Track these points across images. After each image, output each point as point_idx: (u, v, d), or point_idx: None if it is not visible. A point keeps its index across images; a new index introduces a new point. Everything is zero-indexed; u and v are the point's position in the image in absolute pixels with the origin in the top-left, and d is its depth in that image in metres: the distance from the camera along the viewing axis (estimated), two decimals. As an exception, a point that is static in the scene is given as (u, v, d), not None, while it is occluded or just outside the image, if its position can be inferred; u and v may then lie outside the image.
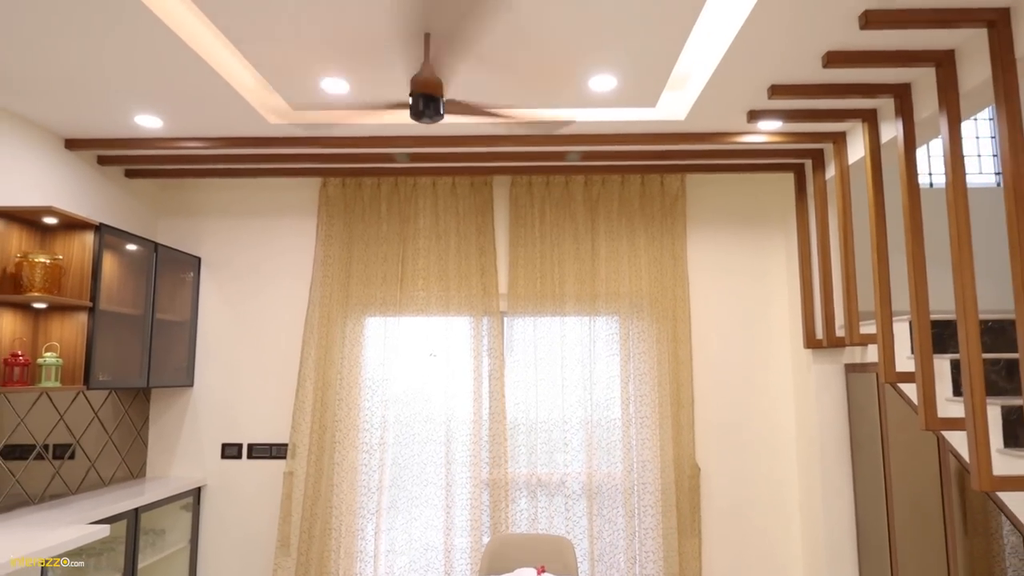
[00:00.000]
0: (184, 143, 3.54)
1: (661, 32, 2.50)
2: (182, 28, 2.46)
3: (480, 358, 4.12)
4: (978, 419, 2.36)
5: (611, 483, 4.06)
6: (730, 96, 3.00)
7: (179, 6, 2.40)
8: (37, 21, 2.37)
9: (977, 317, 2.40)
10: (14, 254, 3.15)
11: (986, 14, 2.29)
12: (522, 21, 2.39)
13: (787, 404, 4.11)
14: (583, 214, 4.15)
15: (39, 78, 2.82)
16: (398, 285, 4.18)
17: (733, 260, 4.21)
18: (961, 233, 2.42)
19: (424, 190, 4.20)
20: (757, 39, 2.48)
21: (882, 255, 3.01)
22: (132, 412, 4.08)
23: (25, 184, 3.24)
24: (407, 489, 4.12)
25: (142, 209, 4.20)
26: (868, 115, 3.11)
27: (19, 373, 3.05)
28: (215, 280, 4.32)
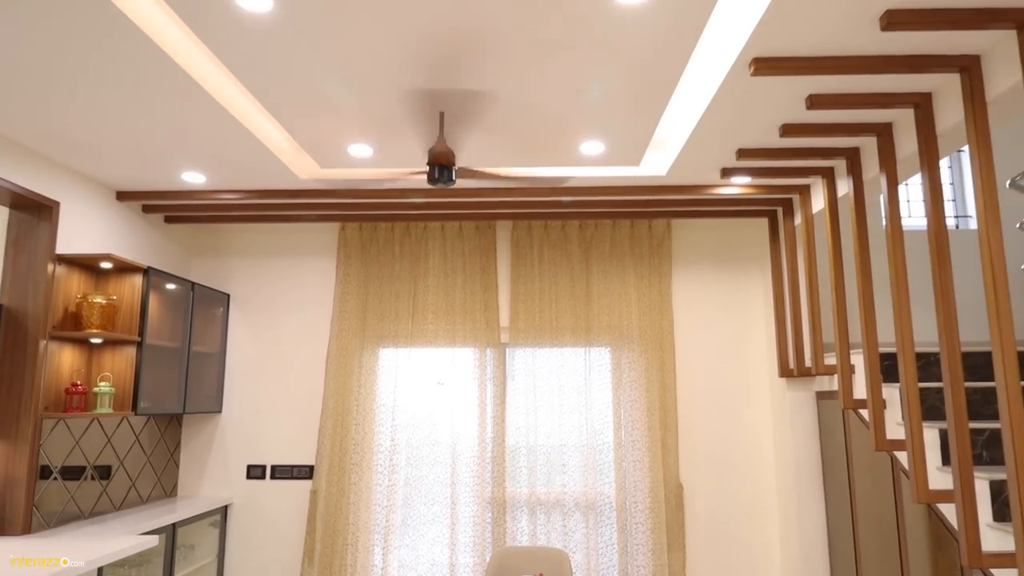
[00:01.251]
0: (222, 195, 3.99)
1: (639, 110, 2.94)
2: (229, 101, 2.90)
3: (484, 386, 4.51)
4: (915, 439, 2.75)
5: (605, 502, 4.42)
6: (704, 157, 3.44)
7: (228, 83, 2.84)
8: (100, 94, 2.81)
9: (913, 349, 2.80)
10: (75, 295, 3.57)
11: (912, 98, 2.73)
12: (523, 101, 2.84)
13: (765, 428, 4.49)
14: (578, 255, 4.57)
15: (100, 141, 3.26)
16: (409, 319, 4.58)
17: (715, 296, 4.63)
18: (899, 274, 2.83)
19: (433, 233, 4.63)
20: (722, 113, 2.92)
21: (840, 295, 3.42)
22: (167, 436, 4.47)
23: (81, 231, 3.67)
24: (416, 508, 4.48)
25: (178, 250, 4.63)
26: (826, 172, 3.55)
27: (78, 400, 3.45)
28: (243, 315, 4.73)
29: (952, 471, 2.53)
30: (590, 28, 2.30)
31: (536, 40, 2.38)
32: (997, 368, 2.23)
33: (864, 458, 3.65)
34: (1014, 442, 2.18)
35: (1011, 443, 2.18)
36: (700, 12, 2.20)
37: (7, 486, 3.24)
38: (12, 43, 2.33)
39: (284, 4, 2.13)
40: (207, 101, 2.80)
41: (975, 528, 2.45)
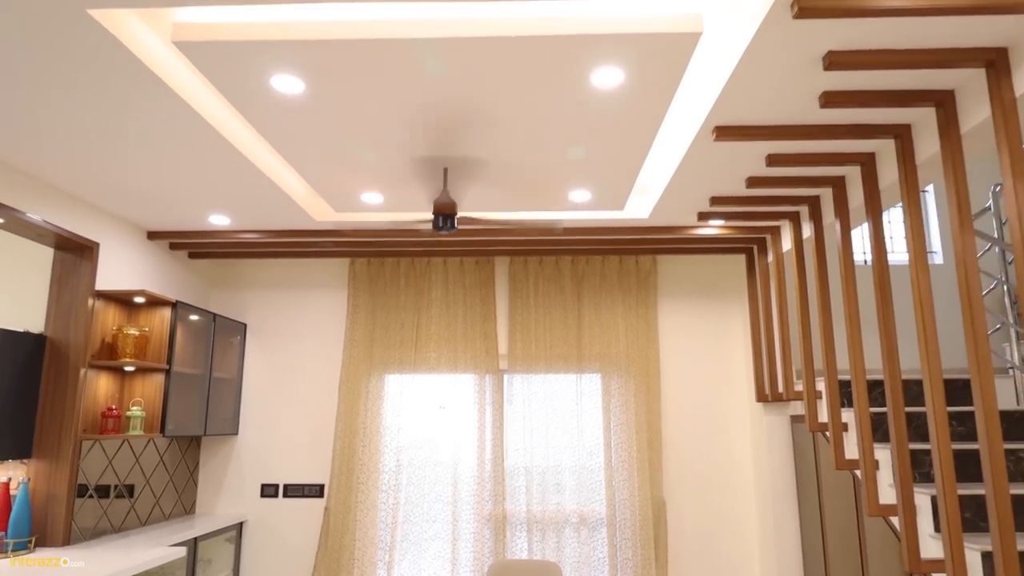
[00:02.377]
0: (243, 234, 4.36)
1: (619, 167, 3.32)
2: (255, 155, 3.27)
3: (483, 410, 4.84)
4: (867, 459, 3.08)
5: (596, 518, 4.73)
6: (682, 203, 3.82)
7: (255, 140, 3.22)
8: (142, 149, 3.19)
9: (864, 378, 3.15)
10: (111, 327, 3.93)
11: (859, 157, 3.11)
12: (517, 159, 3.22)
13: (744, 449, 4.81)
14: (570, 288, 4.93)
15: (139, 189, 3.64)
16: (413, 347, 4.93)
17: (698, 326, 4.98)
18: (851, 309, 3.19)
19: (436, 267, 5.00)
20: (694, 169, 3.30)
21: (805, 327, 3.77)
22: (187, 456, 4.79)
23: (116, 268, 4.04)
24: (419, 525, 4.79)
25: (199, 283, 4.99)
26: (793, 216, 3.92)
27: (112, 423, 3.79)
28: (258, 343, 5.08)
29: (895, 487, 2.87)
30: (573, 103, 2.69)
31: (527, 112, 2.76)
32: (926, 395, 2.58)
33: (831, 476, 3.97)
34: (941, 461, 2.52)
35: (939, 462, 2.53)
36: (666, 91, 2.58)
37: (49, 502, 3.57)
38: (67, 106, 2.71)
39: (313, 87, 2.52)
40: (236, 156, 3.18)
41: (915, 538, 2.78)
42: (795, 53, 2.25)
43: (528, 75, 2.45)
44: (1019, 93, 2.21)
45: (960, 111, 2.50)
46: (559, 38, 2.21)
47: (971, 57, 2.25)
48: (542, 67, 2.39)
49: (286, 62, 2.34)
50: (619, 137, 3.01)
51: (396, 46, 2.25)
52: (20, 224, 3.41)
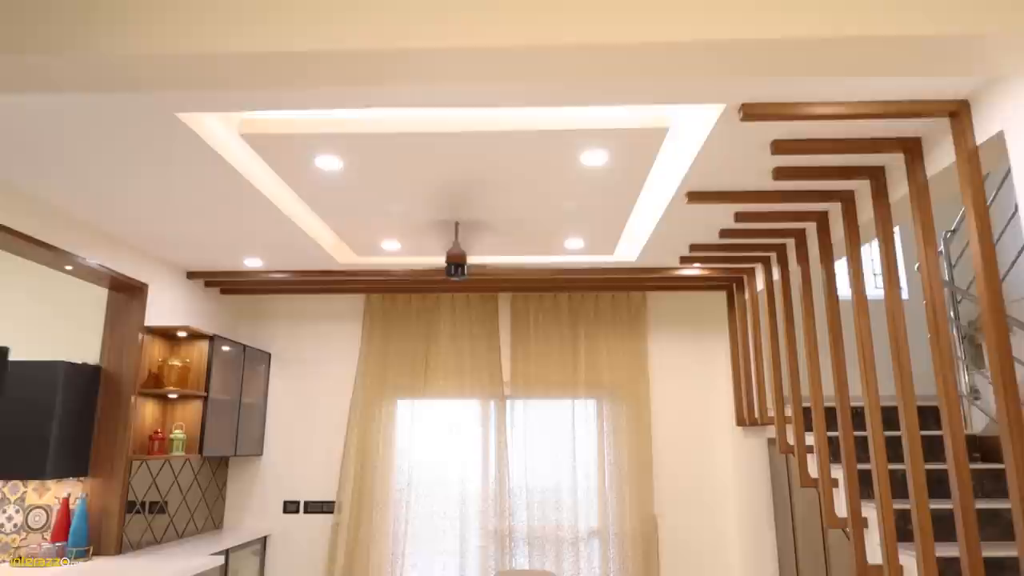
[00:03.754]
0: (272, 274, 4.85)
1: (607, 222, 3.82)
2: (289, 208, 3.75)
3: (488, 433, 5.29)
4: (824, 478, 3.53)
5: (591, 534, 5.16)
6: (665, 249, 4.30)
7: (289, 194, 3.70)
8: (194, 206, 3.69)
9: (822, 405, 3.60)
10: (157, 359, 4.41)
11: (814, 216, 3.60)
12: (518, 216, 3.72)
13: (726, 469, 5.25)
14: (567, 321, 5.41)
15: (185, 238, 4.13)
16: (423, 375, 5.40)
17: (684, 356, 5.44)
18: (810, 344, 3.65)
19: (445, 303, 5.48)
20: (672, 223, 3.79)
21: (775, 359, 4.24)
22: (217, 476, 5.24)
23: (160, 305, 4.52)
24: (427, 540, 5.22)
25: (229, 316, 5.47)
26: (764, 260, 4.41)
27: (158, 445, 4.25)
28: (282, 370, 5.55)
29: (846, 503, 3.31)
30: (566, 176, 3.18)
31: (528, 183, 3.26)
32: (867, 422, 3.04)
33: (800, 493, 4.41)
34: (879, 480, 2.98)
35: (877, 481, 2.98)
36: (642, 168, 3.08)
37: (104, 516, 4.02)
38: (141, 177, 3.21)
39: (349, 165, 3.02)
40: (274, 212, 3.67)
41: (862, 548, 3.22)
42: (747, 141, 2.75)
43: (529, 157, 2.95)
44: (931, 175, 2.70)
45: (890, 184, 2.99)
46: (554, 132, 2.72)
47: (891, 146, 2.74)
48: (540, 151, 2.90)
49: (328, 147, 2.84)
50: (605, 201, 3.51)
51: (418, 137, 2.76)
52: (82, 269, 3.90)
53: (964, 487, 2.48)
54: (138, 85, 1.94)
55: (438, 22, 1.79)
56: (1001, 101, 2.26)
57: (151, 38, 1.80)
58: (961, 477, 2.48)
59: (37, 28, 1.82)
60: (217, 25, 1.81)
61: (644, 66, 1.89)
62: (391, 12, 1.81)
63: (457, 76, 1.89)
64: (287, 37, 1.81)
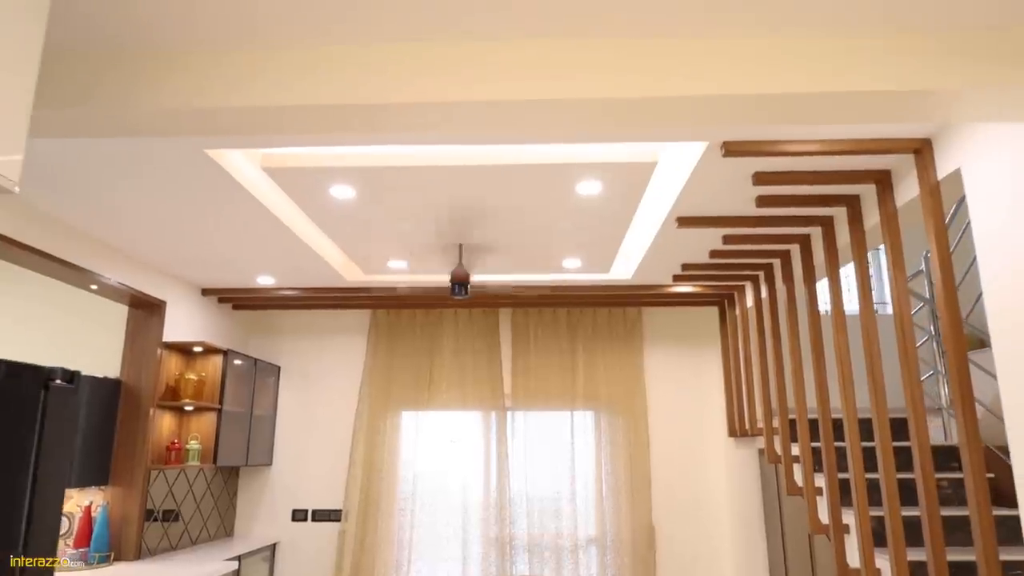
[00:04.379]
0: (283, 291, 5.07)
1: (602, 244, 4.04)
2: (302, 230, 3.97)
3: (489, 443, 5.49)
4: (808, 487, 3.73)
5: (590, 541, 5.34)
6: (658, 268, 4.52)
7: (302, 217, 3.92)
8: (212, 229, 3.91)
9: (806, 418, 3.80)
10: (174, 372, 4.62)
11: (797, 238, 3.81)
12: (519, 239, 3.94)
13: (720, 478, 5.44)
14: (566, 335, 5.62)
15: (203, 258, 4.34)
16: (427, 387, 5.60)
17: (679, 369, 5.64)
18: (794, 359, 3.86)
19: (448, 317, 5.69)
20: (665, 244, 4.00)
21: (764, 374, 4.44)
22: (228, 485, 5.44)
23: (176, 320, 4.73)
24: (431, 547, 5.40)
25: (240, 330, 5.69)
26: (753, 278, 4.62)
27: (175, 455, 4.45)
28: (290, 383, 5.75)
29: (828, 510, 3.51)
30: (563, 204, 3.41)
31: (528, 210, 3.48)
32: (846, 434, 3.24)
33: (789, 501, 4.61)
34: (856, 488, 3.18)
35: (855, 489, 3.18)
36: (633, 198, 3.31)
37: (124, 523, 4.21)
38: (167, 204, 3.43)
39: (361, 194, 3.24)
40: (289, 235, 3.88)
41: (843, 552, 3.41)
42: (730, 173, 2.97)
43: (528, 188, 3.18)
44: (900, 204, 2.92)
45: (864, 212, 3.21)
46: (551, 166, 2.94)
47: (864, 177, 2.97)
48: (539, 183, 3.12)
49: (342, 178, 3.07)
50: (600, 225, 3.73)
51: (425, 170, 2.98)
52: (105, 287, 4.11)
53: (930, 496, 2.68)
54: (173, 132, 2.16)
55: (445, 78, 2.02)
56: (959, 141, 2.49)
57: (188, 94, 2.03)
58: (927, 486, 2.68)
59: (88, 88, 2.04)
60: (248, 82, 2.03)
61: (633, 116, 2.11)
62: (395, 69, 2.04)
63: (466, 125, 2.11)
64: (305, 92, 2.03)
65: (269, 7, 1.87)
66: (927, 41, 2.02)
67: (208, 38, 2.00)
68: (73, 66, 2.06)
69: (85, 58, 2.07)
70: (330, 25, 1.95)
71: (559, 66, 2.02)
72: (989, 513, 2.39)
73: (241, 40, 2.01)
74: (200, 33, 1.97)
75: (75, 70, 2.06)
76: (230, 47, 2.03)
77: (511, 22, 1.96)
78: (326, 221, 3.65)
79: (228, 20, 1.92)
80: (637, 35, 2.03)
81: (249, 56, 2.05)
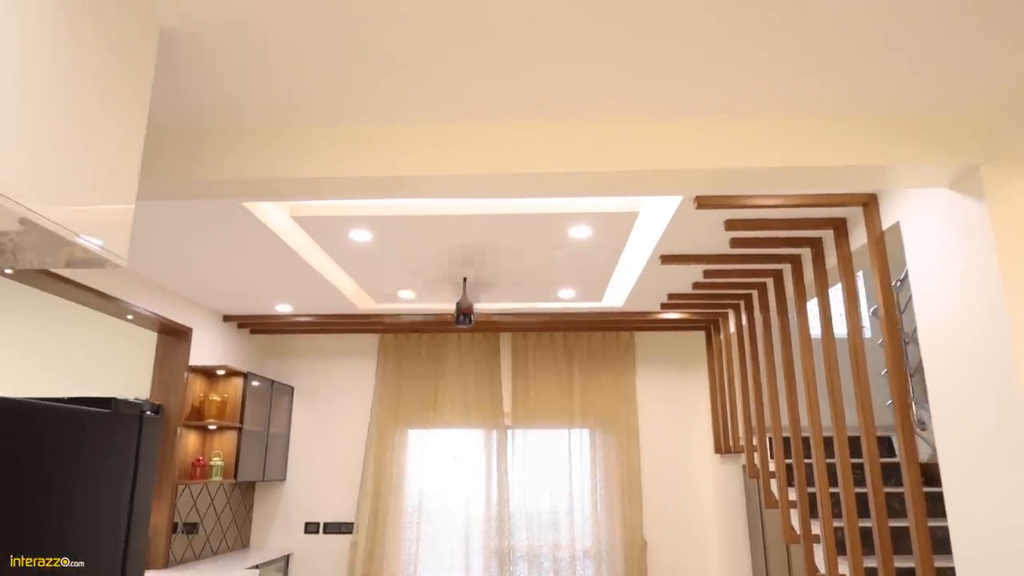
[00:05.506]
0: (298, 317, 5.45)
1: (594, 278, 4.43)
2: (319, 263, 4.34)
3: (490, 460, 5.83)
4: (783, 500, 4.09)
5: (586, 553, 5.67)
6: (647, 297, 4.90)
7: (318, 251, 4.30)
8: (238, 263, 4.29)
9: (781, 435, 4.16)
10: (199, 394, 4.98)
11: (770, 273, 4.20)
12: (519, 275, 4.32)
13: (707, 493, 5.78)
14: (563, 358, 5.99)
15: (229, 289, 4.72)
16: (432, 407, 5.96)
17: (669, 390, 6.01)
18: (771, 385, 4.22)
19: (452, 341, 6.06)
20: (651, 277, 4.38)
21: (745, 396, 4.80)
22: (245, 499, 5.78)
23: (200, 345, 5.10)
24: (436, 558, 5.73)
25: (257, 353, 6.06)
26: (735, 306, 5.00)
27: (199, 471, 4.81)
28: (303, 402, 6.11)
29: (799, 521, 3.87)
30: (558, 243, 3.80)
31: (523, 250, 3.87)
32: (813, 453, 3.60)
33: (769, 513, 4.95)
34: (821, 501, 3.53)
35: (820, 502, 3.54)
36: (620, 241, 3.71)
37: (154, 535, 4.56)
38: (199, 243, 3.82)
39: (377, 237, 3.64)
40: (308, 269, 4.27)
41: (812, 560, 3.76)
42: (705, 220, 3.36)
43: (526, 233, 3.57)
44: (855, 248, 3.30)
45: (826, 252, 3.60)
46: (546, 215, 3.34)
47: (823, 224, 3.35)
48: (535, 228, 3.51)
49: (361, 224, 3.46)
50: (591, 263, 4.12)
51: (435, 219, 3.37)
52: (138, 316, 4.49)
53: (880, 509, 3.04)
54: (224, 196, 2.56)
55: (453, 154, 2.41)
56: (899, 198, 2.87)
57: (240, 167, 2.42)
58: (877, 500, 3.04)
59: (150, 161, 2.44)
60: (281, 159, 2.43)
61: (614, 184, 2.50)
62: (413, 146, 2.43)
63: (472, 191, 2.51)
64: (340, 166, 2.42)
65: (305, 97, 2.26)
66: (861, 125, 2.42)
67: (257, 120, 2.39)
68: (143, 143, 2.45)
69: (149, 134, 2.46)
70: (359, 111, 2.35)
71: (551, 144, 2.42)
72: (925, 524, 2.75)
73: (287, 121, 2.40)
74: (247, 117, 2.37)
75: (144, 145, 2.45)
76: (281, 125, 2.42)
77: (509, 108, 2.35)
78: (344, 259, 4.05)
79: (274, 106, 2.31)
80: (617, 118, 2.42)
81: (291, 133, 2.44)
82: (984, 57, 2.04)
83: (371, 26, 1.87)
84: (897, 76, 2.15)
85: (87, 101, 1.60)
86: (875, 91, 2.24)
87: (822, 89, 2.23)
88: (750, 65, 2.09)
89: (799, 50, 2.01)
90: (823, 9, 1.82)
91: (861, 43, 1.97)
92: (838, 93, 2.26)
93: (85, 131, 1.60)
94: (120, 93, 1.71)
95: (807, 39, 1.96)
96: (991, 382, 2.30)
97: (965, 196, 2.42)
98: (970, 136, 2.36)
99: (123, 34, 1.72)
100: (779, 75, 2.15)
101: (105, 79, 1.66)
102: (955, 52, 2.02)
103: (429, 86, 2.19)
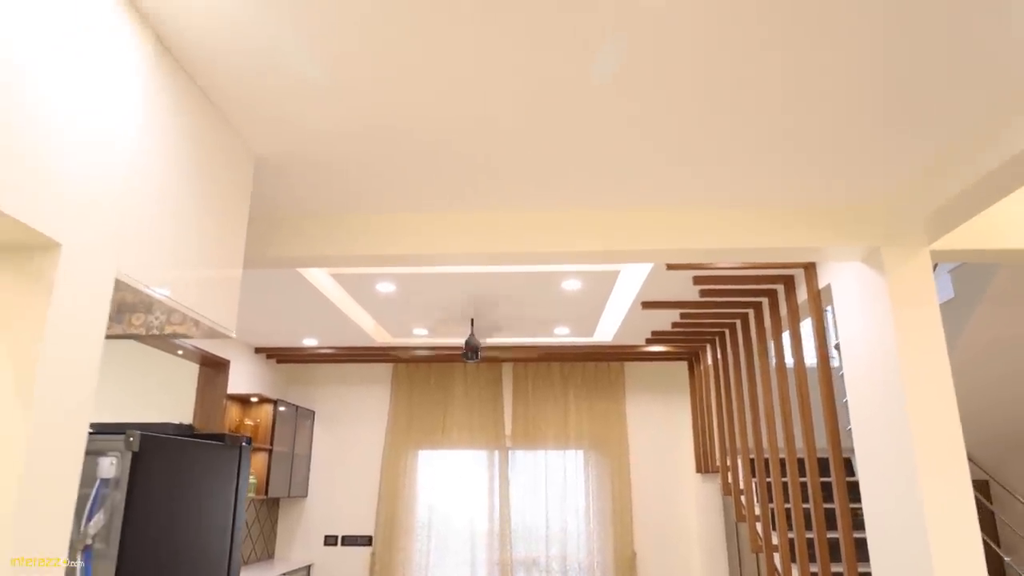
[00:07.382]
0: (321, 349, 6.08)
1: (585, 319, 5.07)
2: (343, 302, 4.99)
3: (492, 478, 6.43)
4: (750, 515, 4.69)
5: (580, 565, 6.25)
6: (633, 332, 5.53)
7: (345, 295, 4.94)
8: (276, 309, 4.94)
9: (749, 457, 4.78)
10: (235, 419, 5.60)
11: (737, 315, 4.83)
12: (520, 315, 4.97)
13: (690, 508, 6.38)
14: (559, 385, 6.61)
15: (265, 327, 5.36)
16: (440, 430, 6.57)
17: (655, 415, 6.62)
18: (738, 412, 4.84)
19: (459, 370, 6.69)
20: (635, 317, 5.02)
21: (720, 422, 5.42)
22: (271, 513, 6.37)
23: (236, 375, 5.73)
24: (443, 569, 6.31)
25: (281, 381, 6.68)
26: (712, 341, 5.63)
27: (235, 488, 5.42)
28: (324, 426, 6.73)
29: (764, 533, 4.47)
30: (552, 295, 4.44)
31: (523, 300, 4.52)
32: (772, 473, 4.22)
33: (743, 527, 5.55)
34: (778, 515, 4.14)
35: (779, 516, 4.15)
36: (606, 292, 4.35)
37: (197, 543, 5.15)
38: (252, 295, 4.47)
39: (400, 289, 4.29)
40: (335, 310, 4.91)
41: (772, 566, 4.36)
42: (676, 277, 4.01)
43: (525, 286, 4.22)
44: (801, 301, 3.94)
45: (780, 302, 4.24)
46: (542, 273, 3.99)
47: (776, 280, 4.00)
48: (533, 283, 4.16)
49: (387, 279, 4.11)
50: (581, 308, 4.77)
51: (449, 276, 4.03)
52: (187, 352, 5.12)
53: (819, 523, 3.65)
54: (289, 267, 3.21)
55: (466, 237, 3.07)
56: (830, 265, 3.52)
57: (305, 247, 3.08)
58: (816, 515, 3.65)
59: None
60: (340, 240, 3.08)
61: (595, 259, 3.15)
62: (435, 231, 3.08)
63: (483, 262, 3.16)
64: (387, 246, 3.08)
65: (358, 196, 2.92)
66: (797, 213, 3.07)
67: (319, 210, 3.05)
68: (223, 226, 3.11)
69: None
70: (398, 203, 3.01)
71: (545, 230, 3.07)
72: (850, 534, 3.37)
73: (345, 208, 3.06)
74: (311, 208, 3.03)
75: (224, 229, 3.11)
76: (342, 212, 3.09)
77: (509, 201, 3.01)
78: (371, 305, 4.69)
79: (335, 201, 2.97)
80: (595, 209, 3.08)
81: (347, 219, 3.10)
82: (881, 163, 2.70)
83: (409, 159, 2.54)
84: (818, 179, 2.80)
85: (212, 216, 2.25)
86: (804, 190, 2.90)
87: (761, 188, 2.89)
88: (704, 170, 2.74)
89: (742, 160, 2.67)
90: (756, 137, 2.48)
91: (788, 156, 2.63)
92: (773, 190, 2.92)
93: (211, 237, 2.24)
94: (230, 208, 2.36)
95: (749, 153, 2.61)
96: (888, 408, 2.93)
97: (872, 269, 3.07)
98: (872, 223, 3.02)
99: (233, 164, 2.37)
100: (726, 179, 2.80)
101: (222, 196, 2.31)
102: (858, 164, 2.68)
103: (449, 195, 2.85)
